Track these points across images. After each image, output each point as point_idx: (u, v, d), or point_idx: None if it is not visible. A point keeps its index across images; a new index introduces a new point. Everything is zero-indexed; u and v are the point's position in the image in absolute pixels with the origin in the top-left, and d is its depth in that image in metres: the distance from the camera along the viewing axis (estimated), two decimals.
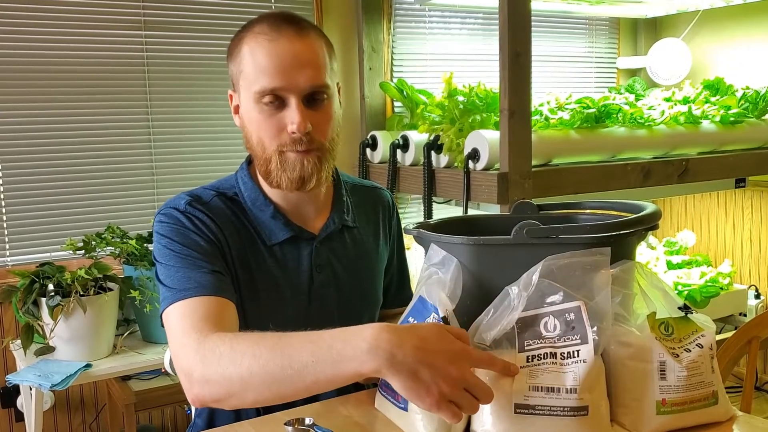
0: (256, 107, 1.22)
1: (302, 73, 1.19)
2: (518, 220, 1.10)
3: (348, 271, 1.37)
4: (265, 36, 1.20)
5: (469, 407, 0.91)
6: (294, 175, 1.23)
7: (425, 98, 2.82)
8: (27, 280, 2.14)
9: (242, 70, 1.22)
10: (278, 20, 1.21)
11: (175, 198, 1.30)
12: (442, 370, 0.89)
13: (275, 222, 1.30)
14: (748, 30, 3.37)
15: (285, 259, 1.31)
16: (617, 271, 1.07)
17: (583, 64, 3.67)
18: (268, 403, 1.05)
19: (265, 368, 0.97)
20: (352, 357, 0.92)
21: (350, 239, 1.39)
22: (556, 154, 2.40)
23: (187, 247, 1.21)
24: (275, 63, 1.19)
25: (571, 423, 1.00)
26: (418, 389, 0.89)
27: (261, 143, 1.24)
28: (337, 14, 3.00)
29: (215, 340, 1.04)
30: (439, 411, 0.90)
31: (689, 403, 1.05)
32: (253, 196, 1.31)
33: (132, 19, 2.64)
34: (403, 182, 2.67)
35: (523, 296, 1.03)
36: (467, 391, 0.91)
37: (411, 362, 0.89)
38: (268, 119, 1.22)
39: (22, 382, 2.09)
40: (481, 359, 0.95)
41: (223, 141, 2.83)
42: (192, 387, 1.05)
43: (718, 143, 2.77)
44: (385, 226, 1.49)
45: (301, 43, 1.20)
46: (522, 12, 2.15)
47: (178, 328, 1.11)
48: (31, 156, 2.53)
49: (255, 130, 1.24)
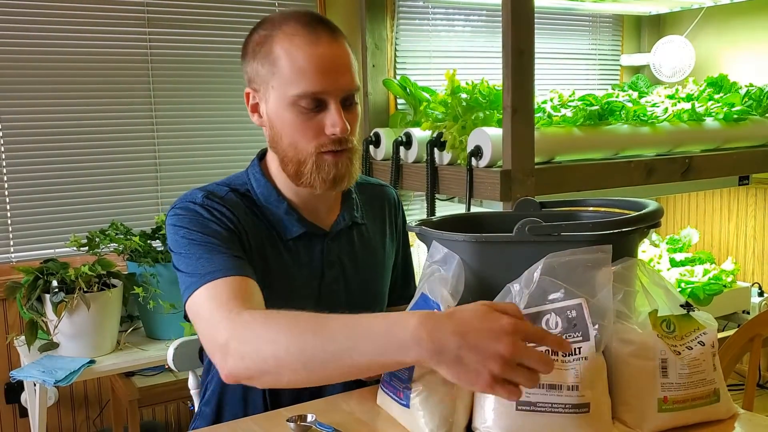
0: (292, 109, 1.22)
1: (342, 76, 1.21)
2: (521, 217, 1.10)
3: (356, 268, 1.38)
4: (302, 38, 1.20)
5: (526, 382, 0.88)
6: (329, 177, 1.24)
7: (428, 95, 2.82)
8: (31, 277, 2.14)
9: (276, 71, 1.21)
10: (312, 22, 1.22)
11: (189, 193, 1.29)
12: (489, 350, 0.86)
13: (289, 218, 1.31)
14: (752, 27, 3.36)
15: (298, 255, 1.32)
16: (619, 269, 1.07)
17: (587, 62, 3.66)
18: (302, 385, 1.04)
19: (301, 348, 0.96)
20: (395, 345, 0.91)
21: (358, 236, 1.41)
22: (559, 151, 2.40)
23: (207, 235, 1.21)
24: (317, 66, 1.19)
25: (573, 420, 1.00)
26: (467, 375, 0.87)
27: (294, 145, 1.24)
28: (340, 11, 3.00)
29: (248, 316, 1.04)
30: (494, 392, 0.88)
31: (691, 400, 1.05)
32: (266, 192, 1.31)
33: (136, 17, 2.64)
34: (406, 179, 2.67)
35: (525, 293, 1.03)
36: (523, 365, 0.87)
37: (454, 349, 0.87)
38: (307, 122, 1.22)
39: (26, 378, 2.10)
40: (531, 333, 0.90)
41: (227, 138, 2.84)
42: (226, 362, 1.03)
43: (721, 141, 2.77)
44: (392, 224, 1.50)
45: (338, 46, 1.22)
46: (525, 9, 2.14)
47: (207, 309, 1.10)
48: (35, 153, 2.54)
49: (288, 132, 1.24)
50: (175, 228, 1.24)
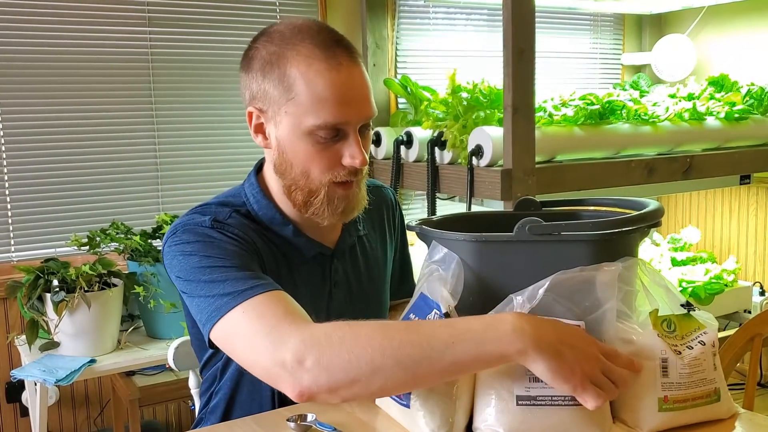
0: (308, 139, 1.14)
1: (363, 106, 1.15)
2: (521, 216, 1.10)
3: (361, 283, 1.36)
4: (322, 64, 1.11)
5: (609, 390, 0.92)
6: (338, 210, 1.20)
7: (429, 94, 2.82)
8: (32, 276, 2.14)
9: (292, 98, 1.13)
10: (329, 42, 1.13)
11: (190, 218, 1.19)
12: (584, 351, 0.91)
13: (298, 240, 1.25)
14: (753, 26, 3.36)
15: (308, 277, 1.27)
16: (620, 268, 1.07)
17: (588, 61, 3.66)
18: (394, 390, 1.00)
19: (400, 348, 0.92)
20: (497, 339, 0.92)
21: (361, 250, 1.38)
22: (560, 150, 2.40)
23: (226, 257, 1.11)
24: (338, 97, 1.12)
25: (573, 413, 1.00)
26: (563, 370, 0.91)
27: (307, 174, 1.17)
28: (341, 10, 3.00)
29: (322, 327, 0.97)
30: (584, 392, 0.91)
31: (691, 400, 1.05)
32: (270, 214, 1.24)
33: (137, 16, 2.64)
34: (406, 178, 2.67)
35: (526, 307, 1.03)
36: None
37: (555, 343, 0.91)
38: (323, 152, 1.15)
39: (27, 377, 2.10)
40: (606, 349, 0.96)
41: (228, 138, 2.83)
42: (301, 378, 0.94)
43: (722, 140, 2.76)
44: (390, 226, 1.48)
45: (358, 71, 1.15)
46: (526, 8, 2.14)
47: (255, 329, 1.00)
48: (36, 152, 2.54)
49: (301, 161, 1.16)
50: (184, 256, 1.13)
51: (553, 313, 1.05)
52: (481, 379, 1.05)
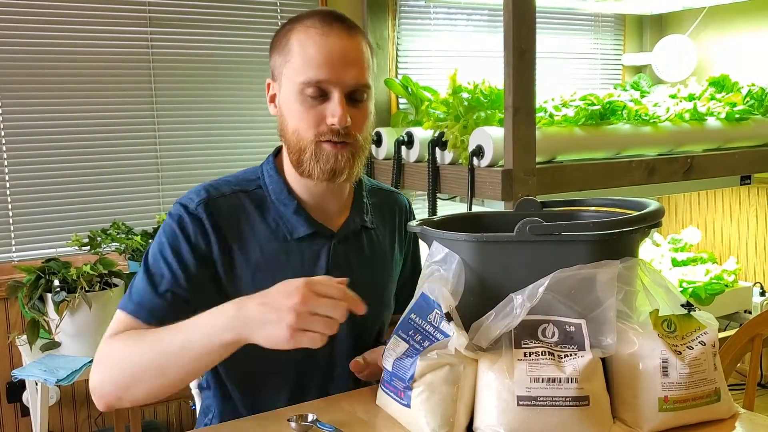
0: (298, 97, 1.24)
1: (349, 69, 1.23)
2: (522, 217, 1.10)
3: (363, 272, 1.36)
4: (316, 30, 1.23)
5: (323, 328, 0.99)
6: (327, 167, 1.25)
7: (430, 95, 2.82)
8: (33, 276, 2.15)
9: (289, 60, 1.24)
10: (329, 17, 1.26)
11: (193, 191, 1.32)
12: (284, 306, 0.99)
13: (297, 217, 1.30)
14: (753, 27, 3.36)
15: (303, 256, 1.31)
16: (620, 268, 1.07)
17: (589, 61, 3.66)
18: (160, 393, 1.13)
19: (147, 359, 1.10)
20: (219, 330, 1.05)
21: (367, 240, 1.39)
22: (561, 151, 2.40)
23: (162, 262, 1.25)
24: (324, 56, 1.22)
25: (574, 413, 1.00)
26: (272, 334, 1.00)
27: (297, 132, 1.25)
28: (342, 11, 2.97)
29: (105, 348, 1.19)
30: (296, 343, 0.99)
31: (691, 400, 1.05)
32: (278, 189, 1.32)
33: (138, 16, 2.65)
34: (407, 179, 2.67)
35: (526, 306, 1.03)
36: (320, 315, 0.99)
37: (258, 317, 1.01)
38: (309, 110, 1.23)
39: (28, 377, 2.10)
40: (318, 281, 1.02)
41: (229, 138, 2.84)
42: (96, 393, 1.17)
43: (723, 140, 2.76)
44: (401, 231, 1.48)
45: (351, 41, 1.25)
46: (527, 8, 2.14)
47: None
48: (37, 152, 2.54)
49: (293, 120, 1.25)
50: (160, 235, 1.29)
51: (553, 312, 1.05)
52: (483, 379, 1.05)
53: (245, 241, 1.28)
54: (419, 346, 1.08)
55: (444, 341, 1.05)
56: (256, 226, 1.29)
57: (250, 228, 1.29)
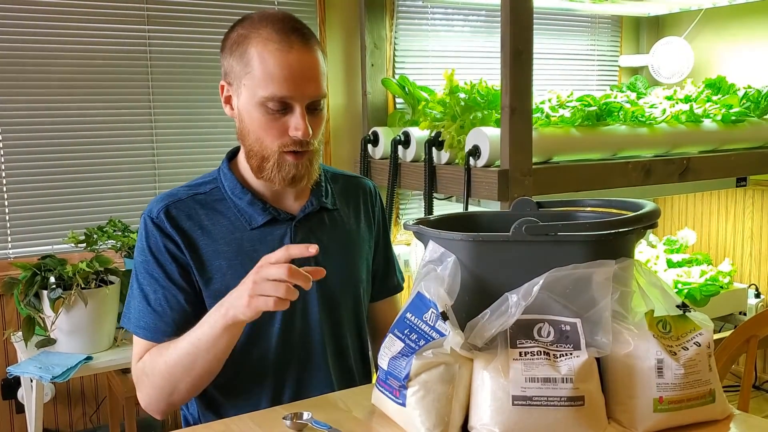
0: (259, 109, 1.28)
1: (309, 84, 1.28)
2: (518, 217, 1.10)
3: (328, 250, 1.39)
4: (276, 45, 1.26)
5: (272, 290, 1.12)
6: (288, 176, 1.32)
7: (427, 95, 2.82)
8: (29, 273, 2.14)
9: (249, 72, 1.28)
10: (287, 29, 1.28)
11: (153, 201, 1.41)
12: (247, 282, 1.16)
13: (253, 208, 1.37)
14: (750, 29, 3.37)
15: (265, 241, 1.36)
16: (616, 269, 1.07)
17: (585, 62, 3.66)
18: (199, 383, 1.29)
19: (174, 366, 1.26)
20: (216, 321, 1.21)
21: (330, 220, 1.44)
22: (557, 151, 2.40)
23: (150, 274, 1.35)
24: (286, 74, 1.26)
25: (569, 413, 1.01)
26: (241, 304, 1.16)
27: (260, 141, 1.31)
28: (339, 10, 3.00)
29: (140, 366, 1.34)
30: (255, 306, 1.14)
31: (686, 401, 1.05)
32: (232, 185, 1.39)
33: (135, 14, 2.64)
34: (404, 178, 2.67)
35: (522, 305, 1.03)
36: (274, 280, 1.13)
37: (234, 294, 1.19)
38: (272, 122, 1.29)
39: (23, 374, 2.10)
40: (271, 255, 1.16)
41: (225, 135, 2.83)
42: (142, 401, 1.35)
43: (719, 142, 2.77)
44: (368, 212, 1.52)
45: (309, 55, 1.28)
46: (524, 9, 2.15)
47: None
48: (33, 149, 2.54)
49: (255, 129, 1.31)
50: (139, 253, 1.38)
51: (548, 311, 1.05)
52: (478, 378, 1.05)
53: (209, 236, 1.35)
54: (415, 345, 1.08)
55: (439, 340, 1.06)
56: (216, 222, 1.36)
57: (212, 224, 1.36)
